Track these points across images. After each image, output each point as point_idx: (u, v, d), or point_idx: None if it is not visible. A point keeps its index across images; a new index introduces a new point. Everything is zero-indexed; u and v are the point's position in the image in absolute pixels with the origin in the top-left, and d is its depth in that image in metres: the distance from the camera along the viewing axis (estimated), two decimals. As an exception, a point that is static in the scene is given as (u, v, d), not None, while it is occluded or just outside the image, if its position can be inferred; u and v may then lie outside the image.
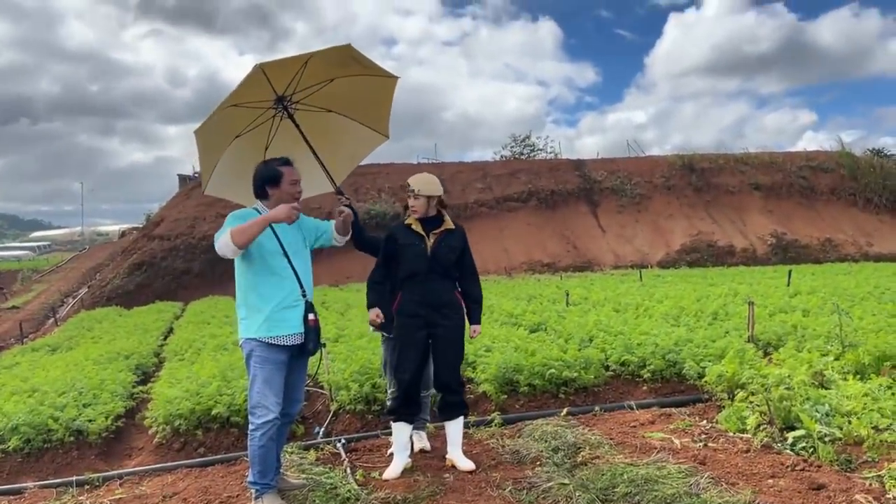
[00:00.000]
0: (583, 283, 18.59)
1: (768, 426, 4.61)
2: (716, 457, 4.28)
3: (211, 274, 27.55)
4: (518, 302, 11.90)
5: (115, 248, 34.33)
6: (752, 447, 4.40)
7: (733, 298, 11.13)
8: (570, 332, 7.82)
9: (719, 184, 36.76)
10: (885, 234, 35.61)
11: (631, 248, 33.11)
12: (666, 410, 5.62)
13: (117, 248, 34.29)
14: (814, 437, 4.24)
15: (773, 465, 4.04)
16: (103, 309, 21.56)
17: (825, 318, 8.06)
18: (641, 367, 6.39)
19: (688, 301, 10.60)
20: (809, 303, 9.91)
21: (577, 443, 4.71)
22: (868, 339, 6.09)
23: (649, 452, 4.42)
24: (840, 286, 13.13)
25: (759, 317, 7.79)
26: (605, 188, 36.66)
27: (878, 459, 3.95)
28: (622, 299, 11.99)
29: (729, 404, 5.18)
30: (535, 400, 6.02)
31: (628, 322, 8.39)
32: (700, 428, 5.00)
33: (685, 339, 6.76)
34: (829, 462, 4.01)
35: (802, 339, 6.81)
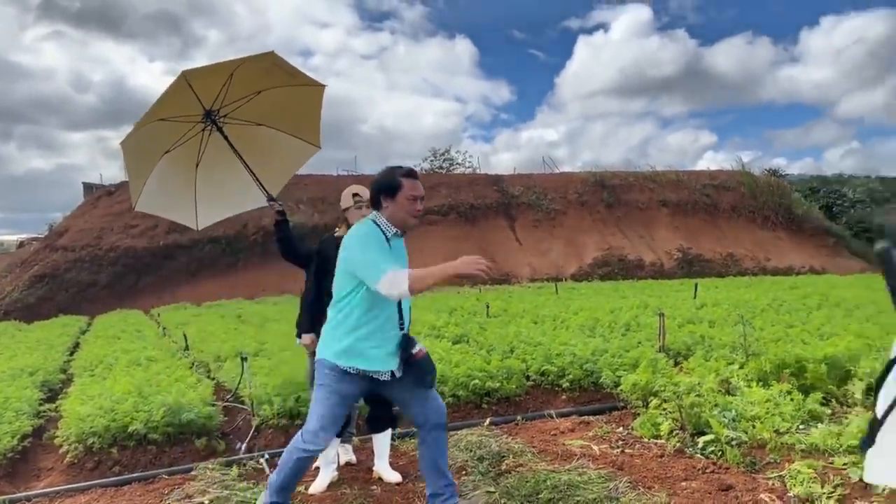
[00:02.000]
0: (501, 295, 18.90)
1: (680, 432, 4.85)
2: (633, 462, 4.47)
3: (119, 286, 26.47)
4: (440, 314, 12.00)
5: (14, 259, 32.39)
6: (666, 452, 4.62)
7: (644, 310, 11.60)
8: (492, 344, 7.96)
9: (629, 200, 38.20)
10: (782, 249, 37.89)
11: (547, 262, 33.92)
12: (585, 418, 5.82)
13: (16, 259, 32.36)
14: (722, 441, 4.50)
15: (685, 469, 4.27)
16: (0, 323, 20.30)
17: (730, 328, 8.52)
18: (561, 377, 6.58)
19: (602, 313, 10.98)
20: (715, 314, 10.45)
21: (501, 451, 4.82)
22: (769, 348, 6.49)
23: (570, 459, 4.58)
24: (741, 299, 13.89)
25: (669, 328, 8.15)
26: (521, 203, 37.46)
27: (780, 460, 4.23)
28: (540, 311, 12.29)
29: (644, 411, 5.41)
30: (460, 410, 6.10)
31: (547, 333, 8.61)
32: (617, 434, 5.20)
33: (601, 350, 7.00)
34: (737, 464, 4.26)
35: (710, 349, 7.18)
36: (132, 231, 28.94)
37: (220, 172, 4.56)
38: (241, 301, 22.80)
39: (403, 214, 3.35)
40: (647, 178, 40.05)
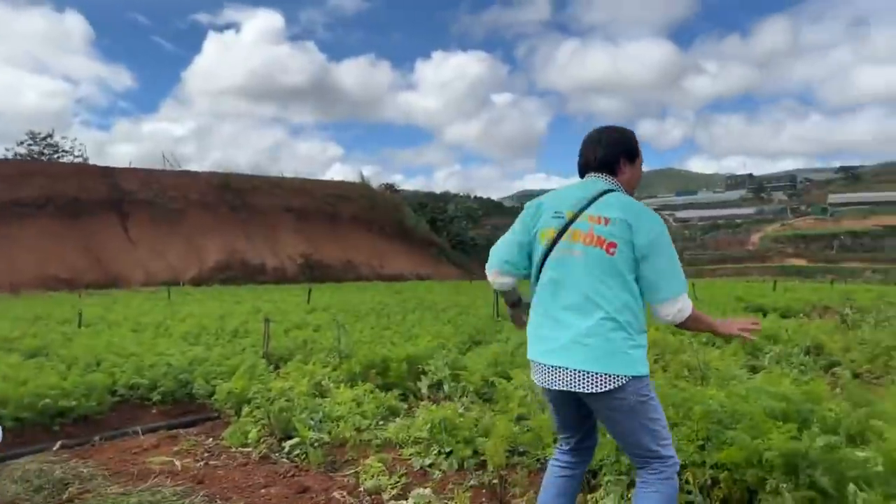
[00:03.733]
0: (104, 301, 17.14)
1: (269, 437, 4.86)
2: (215, 474, 4.33)
3: None
4: (17, 323, 10.33)
5: None
6: (252, 460, 4.58)
7: (256, 315, 11.55)
8: (77, 357, 7.10)
9: (255, 204, 38.07)
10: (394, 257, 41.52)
11: (164, 264, 31.85)
12: (174, 432, 5.48)
13: None
14: (306, 443, 4.61)
15: (267, 475, 4.27)
16: None
17: (332, 332, 8.92)
18: (152, 390, 6.14)
19: (210, 319, 10.63)
20: (322, 319, 10.87)
21: (66, 478, 4.26)
22: (361, 349, 6.93)
23: (147, 478, 4.25)
24: (352, 303, 14.76)
25: (276, 333, 8.22)
26: (138, 200, 34.66)
27: (357, 457, 4.49)
28: (144, 318, 11.40)
29: (236, 420, 5.31)
30: (23, 435, 5.27)
31: (144, 343, 8.00)
32: (205, 447, 5.00)
33: (201, 359, 6.73)
34: (317, 465, 4.40)
35: (311, 353, 7.40)
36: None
37: None
38: None
39: (636, 184, 2.84)
40: (273, 184, 40.37)
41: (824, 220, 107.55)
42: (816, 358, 7.42)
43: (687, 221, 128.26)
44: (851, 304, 12.92)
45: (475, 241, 52.82)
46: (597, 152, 2.66)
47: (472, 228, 58.12)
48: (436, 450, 4.35)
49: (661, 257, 2.49)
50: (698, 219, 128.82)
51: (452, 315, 11.26)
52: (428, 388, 5.91)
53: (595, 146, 2.67)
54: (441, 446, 4.34)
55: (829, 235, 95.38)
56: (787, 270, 66.96)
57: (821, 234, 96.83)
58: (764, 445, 3.00)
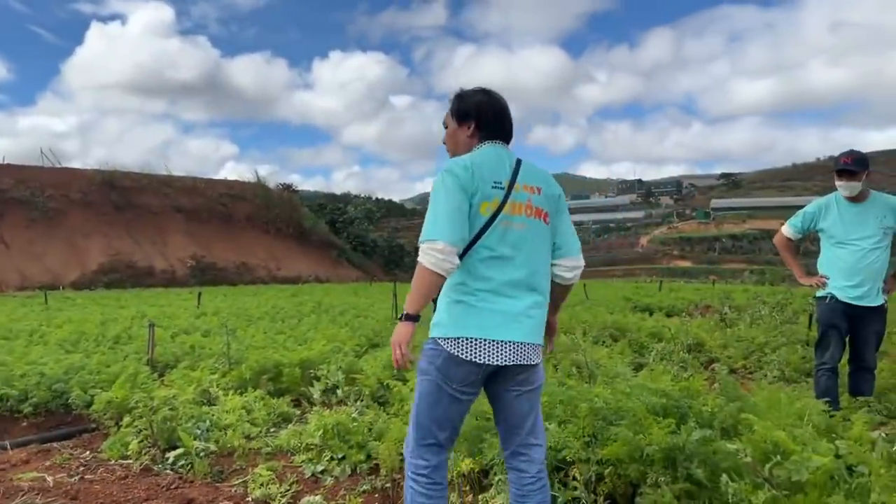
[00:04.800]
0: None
1: (151, 448, 4.63)
2: (91, 489, 4.08)
3: None
4: None
5: None
6: (132, 472, 4.35)
7: (141, 321, 11.00)
8: (-65, 368, 6.51)
9: (142, 204, 36.36)
10: (291, 259, 40.65)
11: (41, 267, 29.86)
12: (46, 446, 5.13)
13: None
14: (192, 453, 4.43)
15: (149, 488, 4.06)
16: None
17: (221, 337, 8.62)
18: (23, 401, 5.72)
19: (91, 325, 10.04)
20: (212, 323, 10.49)
21: (-82, 502, 3.90)
22: (252, 355, 6.73)
23: (15, 497, 3.95)
24: (244, 306, 14.32)
25: (161, 339, 7.86)
26: (11, 198, 32.32)
27: (246, 466, 4.35)
28: (16, 325, 10.62)
29: (115, 431, 5.03)
30: None
31: (15, 351, 7.45)
32: (81, 460, 4.71)
33: (78, 367, 6.33)
34: (203, 476, 4.23)
35: (198, 359, 7.12)
36: None
37: None
38: None
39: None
40: (162, 183, 38.68)
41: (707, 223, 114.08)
42: (697, 355, 7.84)
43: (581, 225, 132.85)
44: (730, 304, 13.74)
45: (376, 242, 52.62)
46: (510, 121, 2.70)
47: (373, 230, 57.87)
48: (328, 456, 4.28)
49: (566, 212, 2.68)
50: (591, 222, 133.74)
51: (350, 318, 11.14)
52: (321, 392, 5.81)
53: (508, 115, 2.71)
54: (333, 452, 4.28)
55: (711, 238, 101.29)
56: (673, 271, 70.61)
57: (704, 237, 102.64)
58: (645, 441, 3.13)
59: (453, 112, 2.74)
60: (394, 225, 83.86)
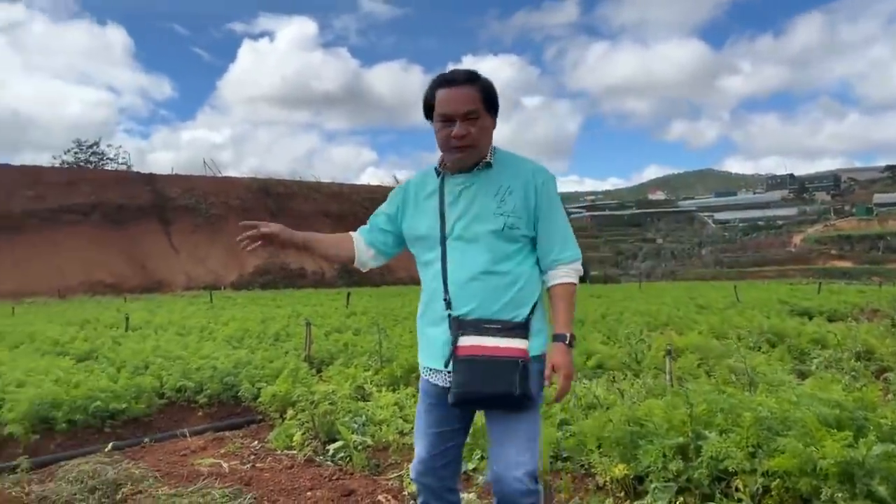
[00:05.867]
0: (149, 305, 17.50)
1: (313, 440, 4.91)
2: (262, 476, 4.39)
3: None
4: (68, 328, 10.63)
5: None
6: (297, 462, 4.64)
7: (296, 319, 11.69)
8: (125, 360, 7.28)
9: (293, 209, 38.53)
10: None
11: (205, 270, 32.44)
12: (220, 435, 5.59)
13: None
14: (350, 446, 4.65)
15: (313, 478, 4.31)
16: None
17: (372, 336, 8.98)
18: (198, 392, 6.26)
19: (253, 323, 10.79)
20: (361, 322, 10.95)
21: (119, 479, 4.36)
22: (401, 353, 6.96)
23: (196, 480, 4.33)
24: (391, 307, 14.83)
25: (316, 337, 8.31)
26: (179, 206, 35.36)
27: (401, 461, 4.52)
28: (188, 322, 11.64)
29: (280, 423, 5.38)
30: (76, 437, 5.42)
31: (189, 346, 8.16)
32: (251, 449, 5.09)
33: (245, 362, 6.84)
34: (362, 468, 4.44)
35: (351, 356, 7.46)
36: None
37: None
38: None
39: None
40: (311, 189, 40.86)
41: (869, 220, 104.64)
42: (867, 363, 7.23)
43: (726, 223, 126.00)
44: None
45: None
46: None
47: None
48: (479, 454, 4.35)
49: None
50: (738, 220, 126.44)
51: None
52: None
53: None
54: (485, 451, 4.34)
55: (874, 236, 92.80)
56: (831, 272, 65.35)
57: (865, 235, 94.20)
58: (818, 453, 2.94)
59: (489, 101, 2.34)
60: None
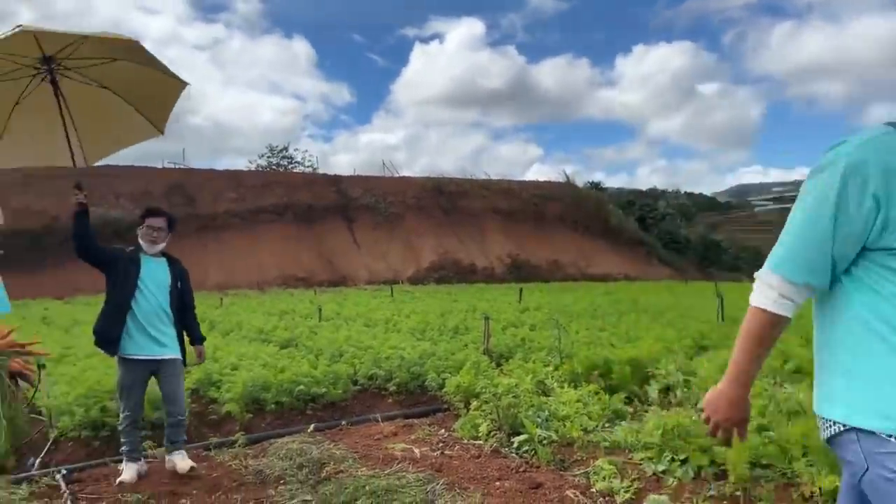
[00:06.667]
0: (336, 298, 18.71)
1: (498, 432, 5.03)
2: (451, 463, 4.57)
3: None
4: (269, 318, 11.65)
5: None
6: (484, 452, 4.77)
7: (473, 314, 11.97)
8: (322, 348, 7.85)
9: (464, 206, 39.36)
10: (600, 257, 40.72)
11: (384, 265, 34.08)
12: (409, 421, 5.88)
13: None
14: (535, 440, 4.71)
15: (500, 468, 4.42)
16: None
17: (548, 332, 9.00)
18: (388, 381, 6.62)
19: (433, 316, 11.19)
20: (536, 318, 11.00)
21: (322, 458, 4.74)
22: (581, 350, 6.92)
23: (391, 463, 4.60)
24: (562, 303, 14.75)
25: (493, 331, 8.47)
26: (361, 205, 37.37)
27: (586, 458, 4.50)
28: (373, 314, 12.30)
29: (465, 413, 5.56)
30: (283, 417, 5.95)
31: (377, 337, 8.63)
32: (439, 437, 5.30)
33: (429, 353, 7.13)
34: (547, 462, 4.48)
35: (529, 351, 7.54)
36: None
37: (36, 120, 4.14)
38: (49, 300, 20.80)
39: None
40: (481, 186, 41.48)
41: None
42: None
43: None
44: None
45: (689, 239, 50.26)
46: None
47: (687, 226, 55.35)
48: (669, 456, 4.23)
49: None
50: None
51: (672, 318, 10.84)
52: (658, 392, 5.76)
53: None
54: (675, 453, 4.22)
55: None
56: None
57: None
58: None
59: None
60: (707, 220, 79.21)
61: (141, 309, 4.32)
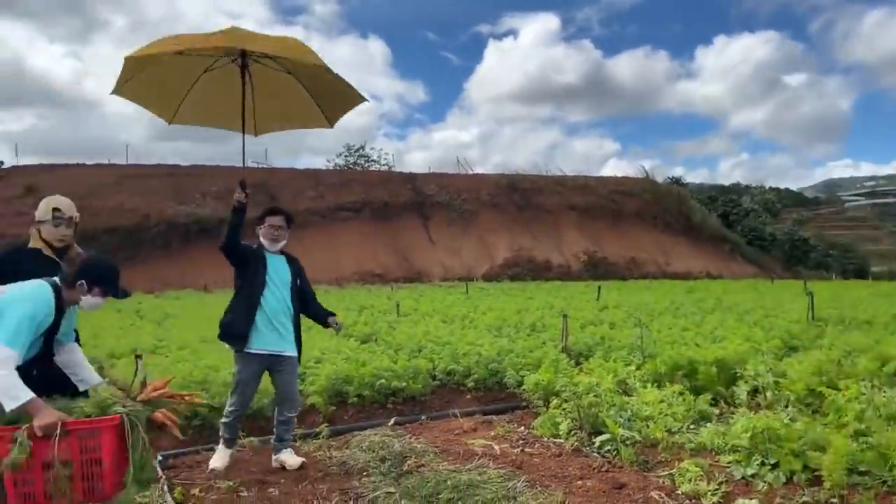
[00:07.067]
0: (413, 294, 18.92)
1: (579, 431, 4.98)
2: (532, 461, 4.56)
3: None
4: (349, 312, 11.89)
5: None
6: (564, 451, 4.74)
7: (549, 311, 11.88)
8: (401, 343, 7.96)
9: (539, 203, 39.03)
10: (681, 254, 39.65)
11: (459, 261, 34.20)
12: (488, 417, 5.89)
13: None
14: (617, 440, 4.64)
15: (582, 467, 4.38)
16: None
17: (629, 330, 8.84)
18: (466, 377, 6.65)
19: (509, 313, 11.17)
20: (615, 316, 10.82)
21: (404, 452, 4.81)
22: (664, 350, 6.76)
23: (472, 459, 4.62)
24: (642, 301, 14.45)
25: (572, 329, 8.38)
26: (436, 202, 37.61)
27: (671, 459, 4.41)
28: (450, 311, 12.38)
29: (544, 411, 5.52)
30: (364, 410, 6.07)
31: (455, 333, 8.68)
32: (518, 434, 5.29)
33: (507, 350, 7.12)
34: (630, 463, 4.41)
35: (609, 350, 7.42)
36: (24, 218, 27.24)
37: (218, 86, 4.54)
38: (141, 295, 21.85)
39: None
40: (556, 182, 41.04)
41: None
42: None
43: None
44: None
45: (774, 235, 48.29)
46: None
47: (773, 222, 53.20)
48: (758, 460, 4.09)
49: None
50: None
51: (758, 317, 10.46)
52: (747, 394, 5.58)
53: None
54: (765, 457, 4.08)
55: None
56: None
57: None
58: None
59: None
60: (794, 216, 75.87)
61: (269, 305, 4.40)
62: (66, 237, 3.83)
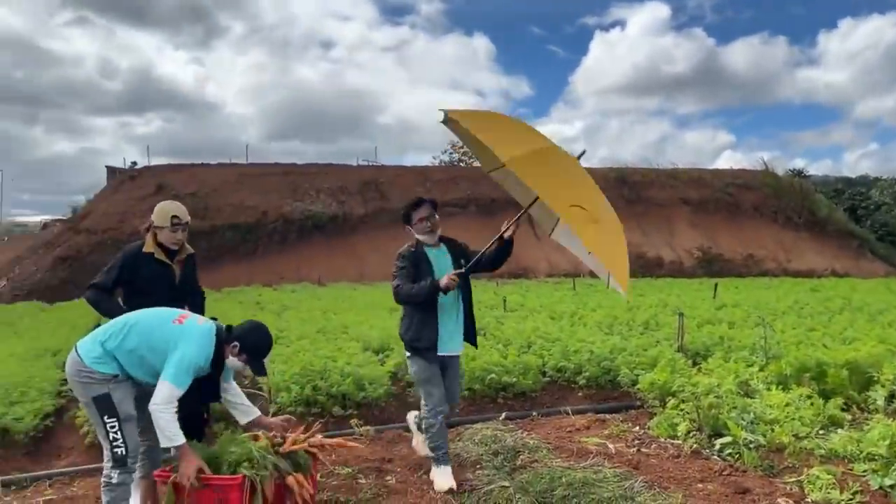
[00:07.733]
0: (518, 289, 18.87)
1: (698, 433, 4.82)
2: (648, 462, 4.45)
3: (139, 270, 26.72)
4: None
5: (37, 241, 32.83)
6: (683, 453, 4.60)
7: (663, 309, 11.52)
8: (509, 338, 7.95)
9: (649, 197, 37.85)
10: (804, 251, 37.39)
11: (564, 257, 33.73)
12: (601, 416, 5.81)
13: (39, 240, 32.81)
14: (740, 443, 4.46)
15: (702, 470, 4.24)
16: (23, 303, 20.59)
17: (750, 330, 8.44)
18: (577, 374, 6.57)
19: (620, 310, 10.92)
20: (734, 315, 10.36)
21: (516, 447, 4.83)
22: (789, 351, 6.42)
23: (585, 457, 4.57)
24: (762, 300, 13.76)
25: (687, 328, 8.10)
26: (541, 197, 37.27)
27: (799, 465, 4.19)
28: (557, 307, 12.25)
29: (660, 411, 5.38)
30: (475, 404, 6.12)
31: (564, 329, 8.58)
32: (633, 434, 5.18)
33: (619, 348, 6.97)
34: (754, 467, 4.23)
35: (729, 350, 7.12)
36: (150, 215, 29.23)
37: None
38: (260, 287, 22.95)
39: None
40: (668, 176, 39.68)
41: None
42: None
43: None
44: None
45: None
46: None
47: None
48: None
49: None
50: None
51: (893, 318, 9.72)
52: (885, 399, 5.22)
53: None
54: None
55: None
56: None
57: None
58: None
59: None
60: (935, 210, 69.63)
61: (442, 307, 4.15)
62: (180, 241, 4.10)
